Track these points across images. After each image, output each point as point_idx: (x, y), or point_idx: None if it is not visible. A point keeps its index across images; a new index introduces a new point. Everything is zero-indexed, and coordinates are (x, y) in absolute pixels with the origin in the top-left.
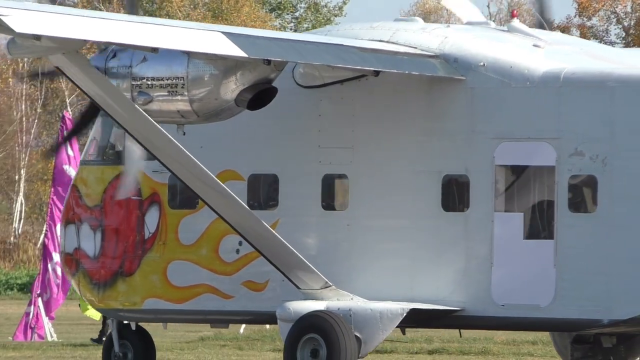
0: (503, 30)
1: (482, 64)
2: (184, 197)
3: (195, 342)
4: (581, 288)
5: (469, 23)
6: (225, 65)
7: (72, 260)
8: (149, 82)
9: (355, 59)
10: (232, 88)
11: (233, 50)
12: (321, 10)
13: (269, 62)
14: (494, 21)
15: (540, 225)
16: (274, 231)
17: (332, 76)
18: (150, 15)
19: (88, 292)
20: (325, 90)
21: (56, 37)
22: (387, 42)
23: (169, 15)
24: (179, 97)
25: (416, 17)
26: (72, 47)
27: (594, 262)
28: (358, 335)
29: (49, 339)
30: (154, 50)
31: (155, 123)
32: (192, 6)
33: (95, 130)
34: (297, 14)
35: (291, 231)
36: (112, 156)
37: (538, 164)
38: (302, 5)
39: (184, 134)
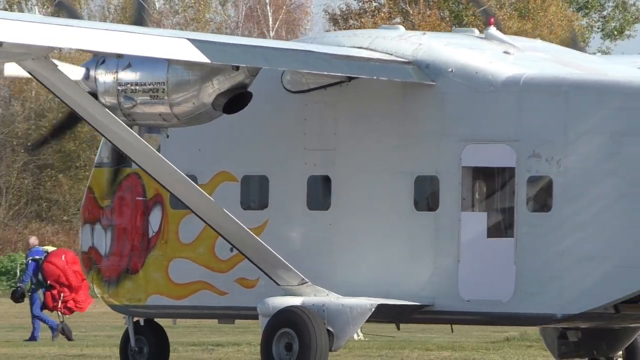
0: (480, 38)
1: (450, 69)
2: None
3: (500, 343)
4: (537, 284)
5: (454, 31)
6: (203, 71)
7: (87, 258)
8: (132, 87)
9: (324, 65)
10: (209, 92)
11: (196, 56)
12: (629, 8)
13: (237, 67)
14: None
15: (501, 224)
16: (250, 231)
17: (316, 82)
18: (456, 15)
19: (100, 289)
20: (310, 95)
21: (17, 44)
22: (366, 48)
23: (474, 15)
24: (160, 101)
25: (399, 25)
26: (40, 53)
27: (549, 259)
28: (330, 329)
29: (355, 337)
30: (119, 56)
31: (122, 123)
32: (498, 6)
33: None
34: (604, 12)
35: (279, 230)
36: (120, 158)
37: (500, 166)
38: (610, 4)
39: (168, 136)
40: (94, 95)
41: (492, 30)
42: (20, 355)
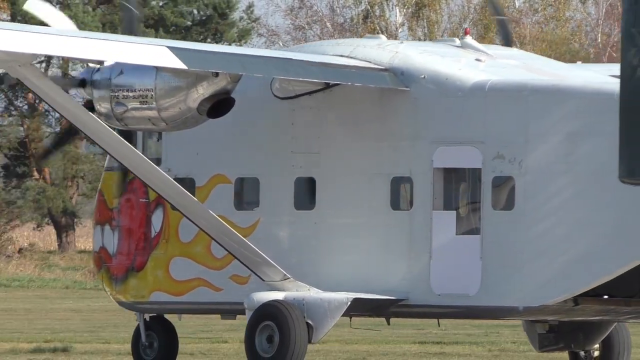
0: (456, 46)
1: (423, 76)
2: None
3: None
4: (501, 278)
5: (437, 41)
6: (189, 78)
7: (98, 257)
8: (124, 93)
9: (300, 72)
10: (194, 98)
11: (174, 62)
12: None
13: (216, 74)
14: None
15: (469, 222)
16: (234, 231)
17: (302, 89)
18: None
19: (109, 286)
20: (297, 101)
21: (1, 51)
22: (347, 56)
23: None
24: (148, 107)
25: (380, 35)
26: (25, 60)
27: (512, 254)
28: (310, 322)
29: None
30: (100, 63)
31: (107, 127)
32: None
33: None
34: None
35: (269, 229)
36: None
37: (467, 167)
38: None
39: (159, 140)
40: (91, 101)
41: (468, 39)
42: (382, 352)
